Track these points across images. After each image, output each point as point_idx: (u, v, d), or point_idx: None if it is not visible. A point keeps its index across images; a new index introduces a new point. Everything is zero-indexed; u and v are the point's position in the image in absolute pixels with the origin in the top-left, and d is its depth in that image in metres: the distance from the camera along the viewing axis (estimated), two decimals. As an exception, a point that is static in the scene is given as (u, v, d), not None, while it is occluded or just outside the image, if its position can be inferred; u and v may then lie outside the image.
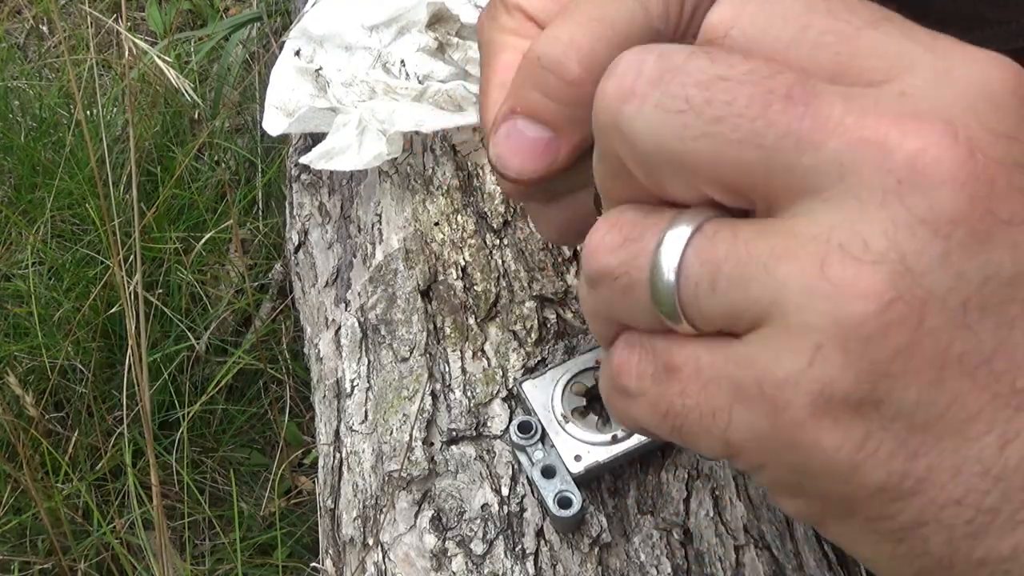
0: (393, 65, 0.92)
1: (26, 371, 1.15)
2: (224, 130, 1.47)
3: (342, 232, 0.92)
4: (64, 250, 1.27)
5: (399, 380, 0.75)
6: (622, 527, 0.66)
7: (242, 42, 1.62)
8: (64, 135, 1.37)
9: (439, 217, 0.84)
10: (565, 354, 0.73)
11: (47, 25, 1.78)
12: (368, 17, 0.95)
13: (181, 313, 1.20)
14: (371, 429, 0.75)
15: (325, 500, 0.78)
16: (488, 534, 0.66)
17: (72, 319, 1.17)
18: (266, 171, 1.37)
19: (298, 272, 0.99)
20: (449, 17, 0.93)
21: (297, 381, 1.19)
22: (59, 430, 1.13)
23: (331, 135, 0.88)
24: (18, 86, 1.53)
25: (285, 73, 0.95)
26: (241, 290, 1.29)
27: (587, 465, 0.66)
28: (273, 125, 0.92)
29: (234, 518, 1.03)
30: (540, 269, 0.79)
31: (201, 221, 1.29)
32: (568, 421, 0.68)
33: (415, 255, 0.82)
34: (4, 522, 1.05)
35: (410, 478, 0.70)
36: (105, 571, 1.06)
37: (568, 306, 0.77)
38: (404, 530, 0.68)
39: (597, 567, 0.64)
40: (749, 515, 0.68)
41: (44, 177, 1.33)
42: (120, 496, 1.10)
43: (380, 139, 0.85)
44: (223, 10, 1.78)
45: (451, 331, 0.77)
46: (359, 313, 0.81)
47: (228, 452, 1.15)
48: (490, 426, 0.71)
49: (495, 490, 0.68)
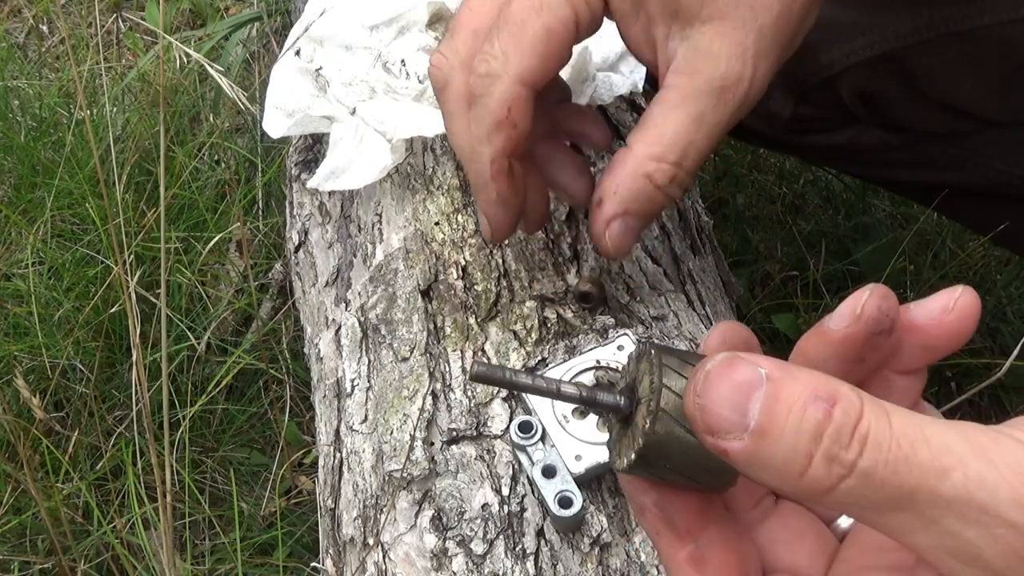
0: (393, 65, 0.92)
1: (26, 371, 1.15)
2: (224, 130, 1.47)
3: (342, 232, 0.92)
4: (64, 250, 1.27)
5: (399, 380, 0.75)
6: (623, 527, 0.66)
7: (242, 42, 1.62)
8: (64, 135, 1.37)
9: (439, 217, 0.84)
10: (566, 354, 0.73)
11: (47, 25, 1.78)
12: (368, 17, 0.95)
13: (181, 313, 1.20)
14: (371, 429, 0.75)
15: (325, 500, 0.78)
16: (488, 534, 0.66)
17: (72, 319, 1.17)
18: (266, 171, 1.37)
19: (298, 272, 0.99)
20: (449, 17, 0.94)
21: (297, 381, 1.19)
22: (59, 430, 1.13)
23: (331, 152, 0.88)
24: (18, 86, 1.53)
25: (285, 73, 0.95)
26: (241, 290, 1.29)
27: (588, 465, 0.66)
28: (273, 126, 0.92)
29: (234, 518, 1.03)
30: (540, 269, 0.79)
31: (201, 221, 1.29)
32: (569, 421, 0.68)
33: (415, 255, 0.82)
34: (4, 522, 1.05)
35: (410, 478, 0.70)
36: (105, 571, 1.06)
37: (568, 306, 0.77)
38: (404, 530, 0.68)
39: (597, 567, 0.64)
40: (749, 515, 0.68)
41: (44, 177, 1.33)
42: (120, 496, 1.10)
43: (382, 147, 0.85)
44: (223, 10, 1.78)
45: (451, 331, 0.77)
46: (359, 313, 0.81)
47: (228, 452, 1.15)
48: (490, 426, 0.71)
49: (495, 490, 0.68)
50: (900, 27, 0.88)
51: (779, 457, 0.38)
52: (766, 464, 0.38)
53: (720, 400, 0.39)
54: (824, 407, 0.37)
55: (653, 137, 0.64)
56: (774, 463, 0.38)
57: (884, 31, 0.89)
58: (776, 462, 0.38)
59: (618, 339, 0.72)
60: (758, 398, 0.38)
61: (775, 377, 0.38)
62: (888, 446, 0.37)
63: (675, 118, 0.63)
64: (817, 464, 0.37)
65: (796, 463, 0.37)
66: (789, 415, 0.37)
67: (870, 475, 0.37)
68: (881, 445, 0.37)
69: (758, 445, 0.38)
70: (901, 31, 0.88)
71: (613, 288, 0.78)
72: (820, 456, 0.37)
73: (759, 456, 0.38)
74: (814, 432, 0.37)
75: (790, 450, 0.37)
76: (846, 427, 0.37)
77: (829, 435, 0.37)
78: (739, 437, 0.38)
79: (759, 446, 0.38)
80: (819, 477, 0.37)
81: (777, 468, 0.38)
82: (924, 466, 0.36)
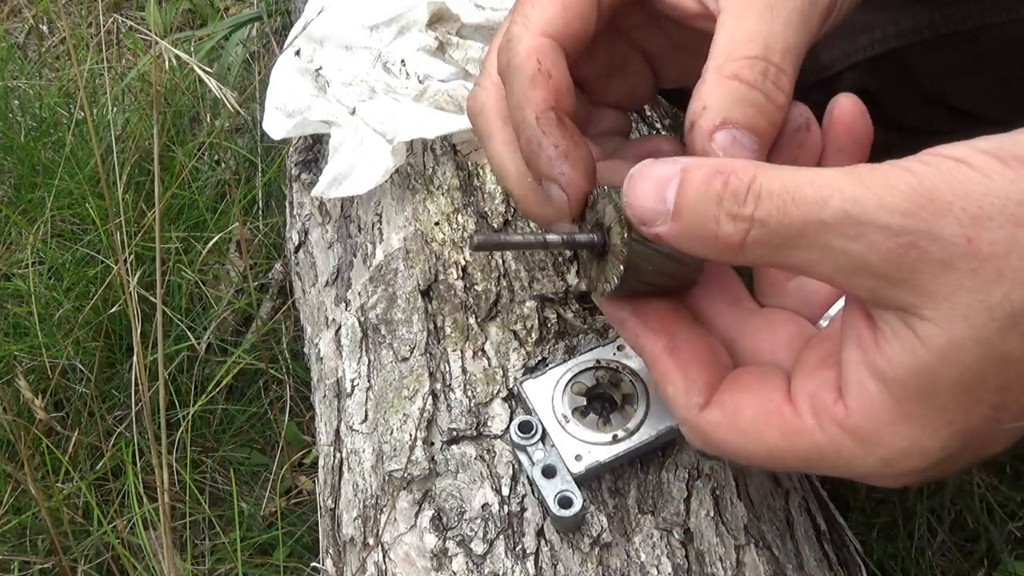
0: (393, 65, 0.92)
1: (26, 371, 1.15)
2: (224, 130, 1.47)
3: (342, 232, 0.92)
4: (64, 250, 1.27)
5: (399, 380, 0.75)
6: (623, 527, 0.66)
7: (242, 42, 1.62)
8: (64, 135, 1.37)
9: (439, 217, 0.84)
10: (566, 354, 0.73)
11: (47, 25, 1.78)
12: (368, 17, 0.95)
13: (181, 313, 1.20)
14: (371, 429, 0.75)
15: (325, 500, 0.78)
16: (488, 534, 0.66)
17: (72, 319, 1.17)
18: (266, 171, 1.36)
19: (298, 272, 0.99)
20: (450, 17, 0.93)
21: (297, 381, 1.19)
22: (59, 430, 1.13)
23: (332, 159, 0.88)
24: (18, 86, 1.53)
25: (285, 73, 0.95)
26: (241, 290, 1.29)
27: (588, 465, 0.66)
28: (274, 127, 0.92)
29: (234, 518, 1.03)
30: (540, 269, 0.79)
31: (201, 221, 1.29)
32: (569, 421, 0.68)
33: (415, 255, 0.82)
34: (4, 522, 1.05)
35: (410, 478, 0.69)
36: (105, 571, 1.06)
37: (568, 306, 0.77)
38: (404, 530, 0.68)
39: (597, 567, 0.64)
40: (749, 515, 0.68)
41: (44, 177, 1.33)
42: (120, 496, 1.10)
43: (382, 149, 0.85)
44: (223, 10, 1.78)
45: (451, 331, 0.77)
46: (359, 313, 0.81)
47: (228, 452, 1.15)
48: (490, 426, 0.71)
49: (495, 490, 0.68)
50: (901, 26, 0.88)
51: (695, 228, 0.45)
52: (690, 237, 0.46)
53: (644, 195, 0.47)
54: (721, 178, 0.45)
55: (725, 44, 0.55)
56: (694, 235, 0.46)
57: (885, 30, 0.89)
58: (696, 233, 0.46)
59: (618, 339, 0.72)
60: (673, 187, 0.46)
61: (686, 166, 0.46)
62: (778, 194, 0.43)
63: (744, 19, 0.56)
64: (724, 224, 0.44)
65: (708, 229, 0.45)
66: (695, 192, 0.45)
67: (767, 222, 0.44)
68: (772, 195, 0.44)
69: (678, 224, 0.46)
70: (902, 30, 0.88)
71: (613, 288, 0.78)
72: (724, 217, 0.44)
73: (682, 233, 0.46)
74: (716, 199, 0.45)
75: (701, 220, 0.45)
76: (740, 189, 0.44)
77: (727, 198, 0.44)
78: (664, 222, 0.46)
79: (679, 224, 0.46)
80: (729, 234, 0.44)
81: (698, 239, 0.46)
82: (808, 201, 0.43)
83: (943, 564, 1.03)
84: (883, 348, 0.44)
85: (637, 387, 0.69)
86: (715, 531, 0.66)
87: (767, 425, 0.49)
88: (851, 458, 0.46)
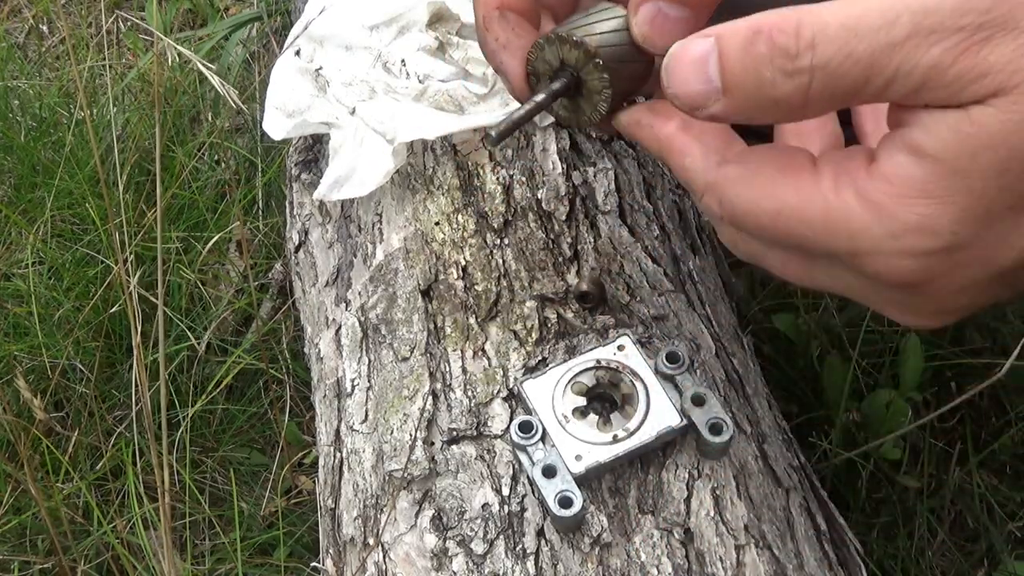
0: (393, 64, 0.92)
1: (26, 371, 1.15)
2: (224, 130, 1.47)
3: (342, 231, 0.92)
4: (64, 250, 1.27)
5: (399, 380, 0.75)
6: (623, 527, 0.66)
7: (242, 42, 1.62)
8: (64, 135, 1.37)
9: (440, 217, 0.84)
10: (566, 354, 0.73)
11: (47, 25, 1.78)
12: (368, 17, 0.95)
13: (181, 313, 1.20)
14: (371, 429, 0.75)
15: (325, 500, 0.78)
16: (489, 534, 0.66)
17: (72, 319, 1.17)
18: (266, 171, 1.36)
19: (298, 272, 0.99)
20: (449, 16, 0.93)
21: (297, 381, 1.19)
22: (59, 430, 1.13)
23: (332, 161, 0.88)
24: (18, 86, 1.53)
25: (285, 73, 0.95)
26: (241, 290, 1.29)
27: (588, 465, 0.66)
28: (274, 127, 0.92)
29: (234, 518, 1.03)
30: (541, 269, 0.79)
31: (201, 221, 1.29)
32: (569, 421, 0.68)
33: (416, 255, 0.82)
34: (4, 522, 1.05)
35: (411, 478, 0.69)
36: (105, 571, 1.06)
37: (568, 306, 0.77)
38: (405, 530, 0.68)
39: (598, 567, 0.64)
40: (750, 515, 0.68)
41: (44, 177, 1.33)
42: (120, 496, 1.10)
43: (383, 149, 0.85)
44: (223, 10, 1.78)
45: (451, 331, 0.77)
46: (359, 313, 0.81)
47: (228, 452, 1.15)
48: (491, 426, 0.71)
49: (496, 490, 0.68)
50: None
51: (751, 98, 0.42)
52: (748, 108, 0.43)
53: (685, 79, 0.44)
54: (763, 38, 0.41)
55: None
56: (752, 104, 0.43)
57: None
58: (753, 103, 0.42)
59: (618, 339, 0.72)
60: (713, 62, 0.42)
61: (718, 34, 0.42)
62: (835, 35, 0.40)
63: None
64: (781, 85, 0.41)
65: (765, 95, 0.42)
66: (738, 61, 0.42)
67: (828, 66, 0.40)
68: (830, 39, 0.40)
69: (732, 98, 0.43)
70: None
71: (613, 288, 0.78)
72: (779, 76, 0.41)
73: (739, 106, 0.43)
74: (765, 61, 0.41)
75: (754, 87, 0.42)
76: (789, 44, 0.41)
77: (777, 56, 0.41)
78: (717, 99, 0.43)
79: (733, 99, 0.43)
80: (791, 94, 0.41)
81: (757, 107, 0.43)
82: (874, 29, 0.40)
83: (943, 564, 1.03)
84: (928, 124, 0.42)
85: (637, 387, 0.69)
86: (715, 531, 0.66)
87: (784, 179, 0.46)
88: (859, 227, 0.44)
